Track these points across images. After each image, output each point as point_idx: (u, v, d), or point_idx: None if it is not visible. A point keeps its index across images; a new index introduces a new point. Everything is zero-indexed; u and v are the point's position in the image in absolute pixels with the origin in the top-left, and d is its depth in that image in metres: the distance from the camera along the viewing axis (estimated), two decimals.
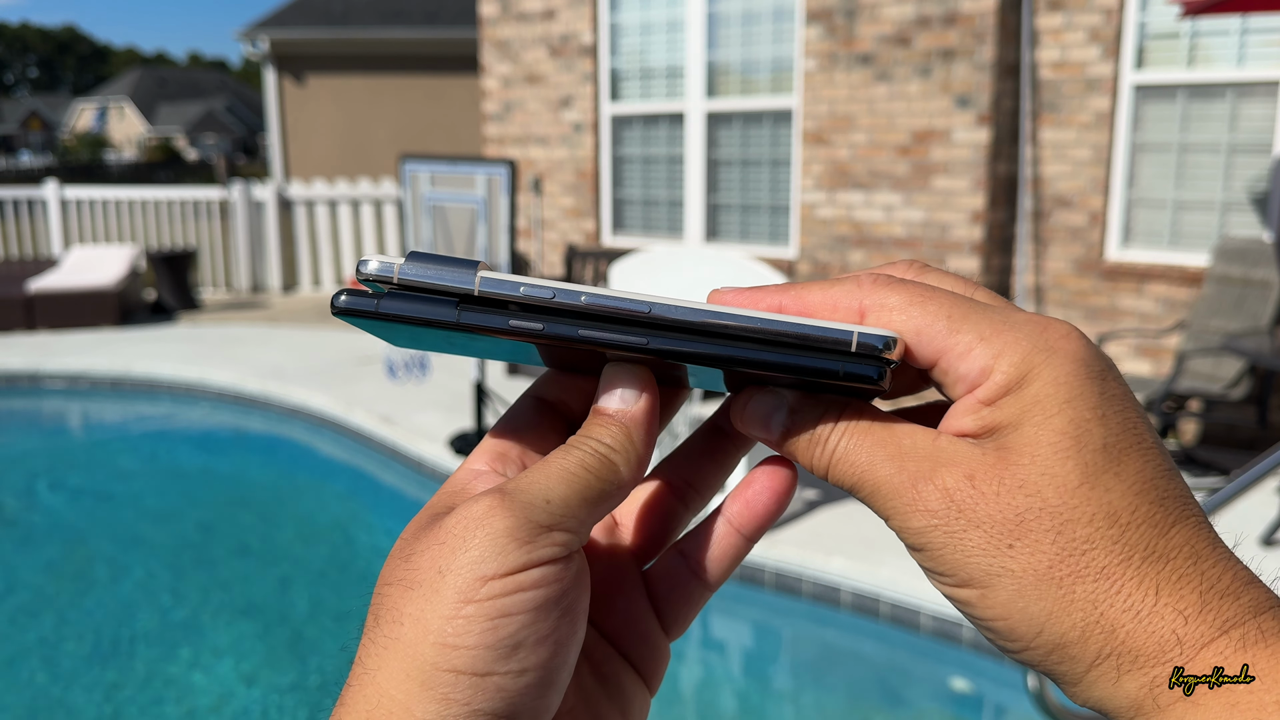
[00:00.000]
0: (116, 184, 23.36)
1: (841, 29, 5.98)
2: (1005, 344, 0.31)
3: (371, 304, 0.32)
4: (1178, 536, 0.29)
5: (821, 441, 0.33)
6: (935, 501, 0.30)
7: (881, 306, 0.32)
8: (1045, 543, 0.29)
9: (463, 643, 0.29)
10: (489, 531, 0.30)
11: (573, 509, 0.31)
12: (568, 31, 7.24)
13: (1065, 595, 0.29)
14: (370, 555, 4.79)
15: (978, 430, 0.31)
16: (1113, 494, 0.29)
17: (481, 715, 0.29)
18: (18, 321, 8.58)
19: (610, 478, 0.33)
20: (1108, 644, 0.28)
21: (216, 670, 3.67)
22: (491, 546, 0.30)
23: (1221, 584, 0.28)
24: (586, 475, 0.32)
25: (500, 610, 0.29)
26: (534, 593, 0.30)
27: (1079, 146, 5.57)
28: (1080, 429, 0.29)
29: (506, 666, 0.29)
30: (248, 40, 14.19)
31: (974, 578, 0.30)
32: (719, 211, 6.85)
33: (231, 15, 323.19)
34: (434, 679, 0.29)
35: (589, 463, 0.32)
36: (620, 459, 0.33)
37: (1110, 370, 0.31)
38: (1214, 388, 4.82)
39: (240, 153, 61.72)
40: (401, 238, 6.04)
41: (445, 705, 0.29)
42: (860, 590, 3.79)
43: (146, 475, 5.98)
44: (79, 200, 10.41)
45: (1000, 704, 3.56)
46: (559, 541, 0.31)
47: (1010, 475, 0.30)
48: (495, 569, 0.29)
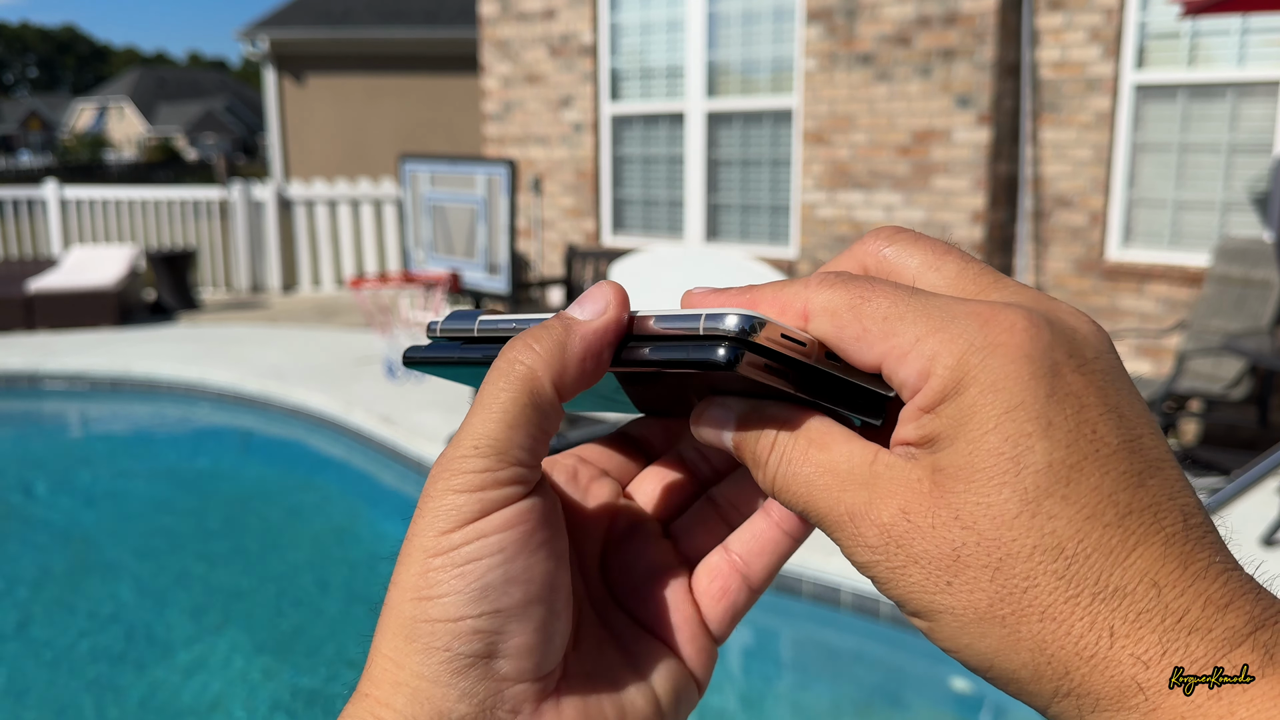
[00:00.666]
0: (116, 184, 23.37)
1: (842, 29, 5.98)
2: (941, 343, 0.28)
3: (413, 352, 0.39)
4: (1139, 563, 0.26)
5: (761, 464, 0.32)
6: (873, 537, 0.29)
7: (823, 310, 0.30)
8: (983, 580, 0.27)
9: (434, 593, 0.30)
10: (440, 489, 0.31)
11: (500, 441, 0.31)
12: (568, 31, 7.24)
13: (1010, 634, 0.27)
14: (370, 555, 4.78)
15: (918, 440, 0.29)
16: (1057, 521, 0.26)
17: (462, 658, 0.30)
18: (17, 321, 8.58)
19: (530, 389, 0.31)
20: (1064, 684, 0.26)
21: (214, 670, 3.67)
22: (444, 503, 0.31)
23: (1189, 618, 0.25)
24: (505, 398, 0.31)
25: (465, 557, 0.30)
26: (496, 537, 0.30)
27: (1079, 146, 5.57)
28: (1019, 446, 0.26)
29: (479, 609, 0.30)
30: (247, 40, 14.19)
31: (919, 611, 0.29)
32: (719, 211, 6.85)
33: (231, 15, 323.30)
34: (414, 631, 0.30)
35: (505, 384, 0.31)
36: (542, 366, 0.31)
37: (1069, 360, 0.28)
38: (1214, 388, 4.82)
39: (240, 153, 61.73)
40: (401, 238, 6.04)
41: (427, 654, 0.30)
42: (860, 590, 3.79)
43: (145, 475, 5.98)
44: (79, 200, 10.41)
45: (1000, 704, 3.56)
46: (506, 480, 0.31)
47: (945, 506, 0.27)
48: (453, 522, 0.31)
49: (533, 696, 0.31)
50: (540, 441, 0.32)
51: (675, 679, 0.35)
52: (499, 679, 0.31)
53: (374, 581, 4.51)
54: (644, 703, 0.34)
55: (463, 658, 0.30)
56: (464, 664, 0.30)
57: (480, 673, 0.30)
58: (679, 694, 0.35)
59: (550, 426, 0.32)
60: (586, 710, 0.33)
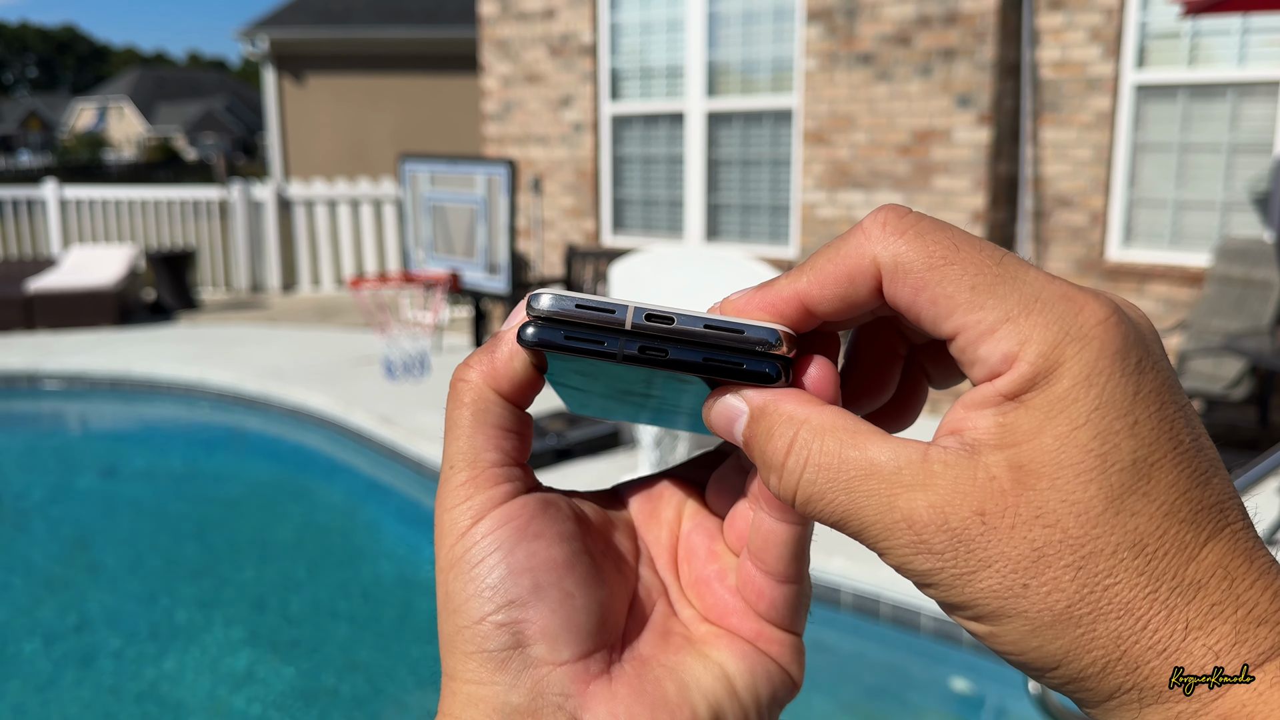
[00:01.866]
0: (116, 184, 23.36)
1: (842, 28, 5.98)
2: (1033, 327, 0.27)
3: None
4: (1210, 556, 0.26)
5: (777, 467, 0.30)
6: (940, 543, 0.27)
7: (894, 264, 0.29)
8: (1065, 580, 0.26)
9: (454, 603, 0.32)
10: (439, 514, 0.34)
11: (469, 453, 0.33)
12: (568, 31, 7.24)
13: (1085, 634, 0.26)
14: (370, 555, 4.78)
15: (996, 430, 0.27)
16: (1139, 518, 0.26)
17: (497, 654, 0.32)
18: (17, 321, 8.58)
19: (474, 400, 0.33)
20: (1130, 679, 0.26)
21: (213, 671, 3.67)
22: (444, 522, 0.33)
23: (1259, 608, 0.26)
24: (458, 415, 0.34)
25: (470, 563, 0.32)
26: (492, 536, 0.32)
27: (1080, 146, 5.56)
28: (1108, 444, 0.26)
29: (494, 605, 0.32)
30: (247, 40, 14.19)
31: (984, 615, 0.28)
32: (719, 211, 6.85)
33: (231, 15, 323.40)
34: (452, 643, 0.32)
35: (455, 403, 0.34)
36: (478, 376, 0.33)
37: (1147, 357, 0.27)
38: (1215, 388, 4.82)
39: (240, 152, 61.73)
40: (401, 238, 6.04)
41: (467, 659, 0.32)
42: (860, 590, 3.79)
43: (145, 475, 5.98)
44: (78, 200, 10.41)
45: (1000, 704, 3.56)
46: (488, 483, 0.33)
47: (1026, 505, 0.26)
48: (453, 536, 0.33)
49: (579, 677, 0.32)
50: (507, 442, 0.34)
51: (750, 661, 0.34)
52: (538, 664, 0.32)
53: (373, 581, 4.51)
54: (711, 680, 0.34)
55: (497, 654, 0.31)
56: (501, 659, 0.31)
57: (519, 663, 0.32)
58: (756, 676, 0.34)
59: (511, 426, 0.34)
60: (643, 688, 0.33)
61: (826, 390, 0.31)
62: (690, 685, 0.33)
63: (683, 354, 0.31)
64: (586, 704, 0.32)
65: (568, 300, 0.31)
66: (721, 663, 0.34)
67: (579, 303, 0.31)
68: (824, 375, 0.31)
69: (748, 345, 0.31)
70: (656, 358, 0.31)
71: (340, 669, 3.75)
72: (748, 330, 0.31)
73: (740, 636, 0.35)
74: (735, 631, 0.35)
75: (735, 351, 0.31)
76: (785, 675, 0.35)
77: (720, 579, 0.36)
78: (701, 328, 0.31)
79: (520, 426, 0.34)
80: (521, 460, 0.34)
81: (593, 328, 0.31)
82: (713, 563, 0.36)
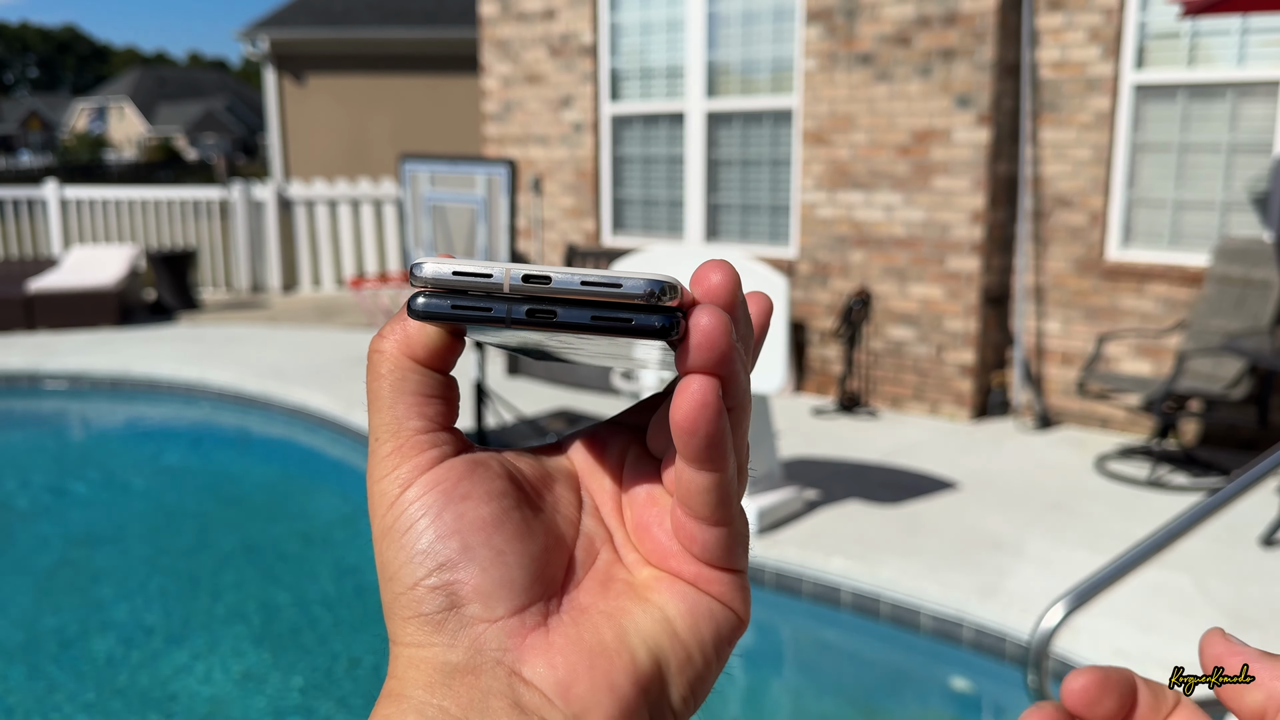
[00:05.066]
0: (116, 184, 23.33)
1: (841, 29, 5.98)
2: None
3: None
4: None
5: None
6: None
7: None
8: None
9: (389, 571, 0.33)
10: (368, 486, 0.34)
11: (391, 423, 0.34)
12: (568, 31, 7.24)
13: None
14: (369, 555, 4.78)
15: None
16: None
17: (432, 616, 0.32)
18: (17, 321, 8.58)
19: (391, 368, 0.34)
20: None
21: (213, 671, 3.67)
22: (373, 493, 0.34)
23: None
24: (377, 385, 0.34)
25: (400, 530, 0.33)
26: (418, 502, 0.33)
27: (1079, 146, 5.57)
28: None
29: (425, 569, 0.32)
30: (248, 40, 14.19)
31: None
32: (719, 211, 6.85)
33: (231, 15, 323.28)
34: (393, 608, 0.33)
35: (373, 374, 0.34)
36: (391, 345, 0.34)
37: None
38: (1214, 388, 4.82)
39: (240, 152, 61.71)
40: (401, 238, 6.04)
41: (405, 624, 0.33)
42: (860, 590, 3.79)
43: (146, 475, 5.98)
44: (79, 200, 10.41)
45: (1000, 704, 3.56)
46: (412, 451, 0.33)
47: None
48: (383, 505, 0.33)
49: (515, 631, 0.32)
50: (430, 408, 0.34)
51: (690, 602, 0.34)
52: (473, 622, 0.32)
53: (372, 581, 4.51)
54: (651, 623, 0.34)
55: (433, 616, 0.32)
56: (437, 621, 0.32)
57: (455, 623, 0.32)
58: (697, 617, 0.34)
59: (433, 391, 0.34)
60: (580, 636, 0.33)
61: (719, 341, 0.30)
62: (629, 630, 0.33)
63: (571, 314, 0.31)
64: (524, 656, 0.32)
65: (445, 266, 0.31)
66: (662, 605, 0.34)
67: (456, 269, 0.31)
68: (716, 324, 0.31)
69: (629, 299, 0.30)
70: (545, 320, 0.31)
71: (340, 668, 3.75)
72: (626, 284, 0.30)
73: (681, 578, 0.35)
74: (676, 574, 0.35)
75: (622, 308, 0.30)
76: (729, 613, 0.35)
77: (659, 522, 0.36)
78: (579, 284, 0.30)
79: (443, 391, 0.34)
80: (448, 425, 0.34)
81: (478, 295, 0.31)
82: (651, 507, 0.36)
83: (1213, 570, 3.76)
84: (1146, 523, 4.13)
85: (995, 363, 6.00)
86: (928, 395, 5.99)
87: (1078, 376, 5.56)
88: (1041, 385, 5.86)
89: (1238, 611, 3.47)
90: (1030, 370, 5.87)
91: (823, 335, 6.33)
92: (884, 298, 6.05)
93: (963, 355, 5.83)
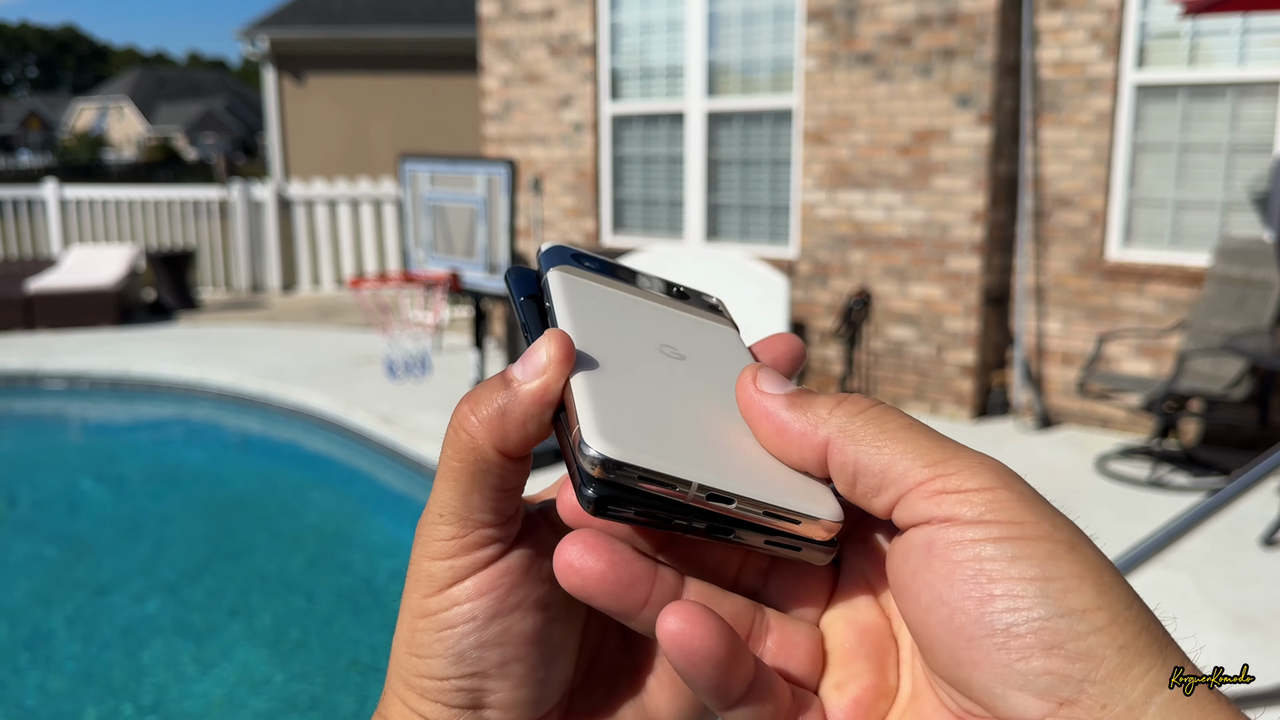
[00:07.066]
0: (116, 184, 23.33)
1: (842, 28, 5.98)
2: None
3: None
4: None
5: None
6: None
7: None
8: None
9: (421, 652, 0.33)
10: (417, 556, 0.33)
11: (460, 509, 0.32)
12: (568, 31, 7.24)
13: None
14: (370, 556, 4.78)
15: None
16: None
17: (453, 708, 0.33)
18: (17, 321, 8.58)
19: (475, 458, 0.31)
20: None
21: (213, 671, 3.67)
22: (421, 570, 0.33)
23: None
24: (455, 467, 0.32)
25: (443, 624, 0.32)
26: (469, 605, 0.32)
27: (1080, 146, 5.56)
28: None
29: (459, 670, 0.32)
30: (247, 40, 14.19)
31: None
32: (719, 211, 6.84)
33: (231, 15, 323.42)
34: (410, 681, 0.33)
35: (453, 453, 0.32)
36: (483, 434, 0.31)
37: None
38: (1215, 388, 4.82)
39: (240, 152, 61.70)
40: (401, 237, 6.04)
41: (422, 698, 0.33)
42: None
43: (145, 475, 5.98)
44: (78, 200, 10.40)
45: None
46: (474, 544, 0.32)
47: None
48: (430, 588, 0.33)
49: None
50: (500, 501, 0.32)
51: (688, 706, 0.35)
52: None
53: (373, 582, 4.51)
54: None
55: (454, 708, 0.33)
56: (454, 712, 0.33)
57: (471, 718, 0.33)
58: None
59: (507, 484, 0.32)
60: None
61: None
62: None
63: (747, 536, 0.32)
64: None
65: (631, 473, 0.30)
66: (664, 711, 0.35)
67: (642, 475, 0.30)
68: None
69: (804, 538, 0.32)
70: (720, 537, 0.32)
71: (340, 667, 3.75)
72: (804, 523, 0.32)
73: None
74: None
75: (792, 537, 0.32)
76: None
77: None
78: (761, 515, 0.31)
79: (520, 480, 0.33)
80: (513, 512, 0.33)
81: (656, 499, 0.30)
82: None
83: (1213, 570, 3.76)
84: (1147, 523, 4.13)
85: (995, 363, 6.00)
86: (928, 395, 5.99)
87: (1078, 376, 5.56)
88: (1042, 385, 5.86)
89: (1238, 611, 3.46)
90: (1031, 370, 5.86)
91: (823, 335, 6.33)
92: (884, 298, 6.05)
93: (963, 355, 5.83)
